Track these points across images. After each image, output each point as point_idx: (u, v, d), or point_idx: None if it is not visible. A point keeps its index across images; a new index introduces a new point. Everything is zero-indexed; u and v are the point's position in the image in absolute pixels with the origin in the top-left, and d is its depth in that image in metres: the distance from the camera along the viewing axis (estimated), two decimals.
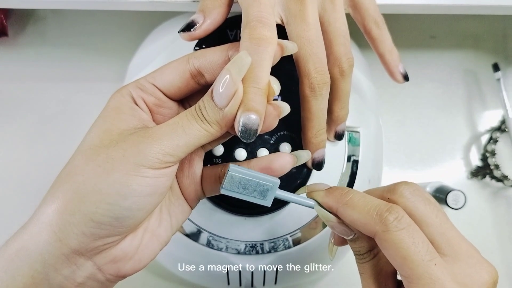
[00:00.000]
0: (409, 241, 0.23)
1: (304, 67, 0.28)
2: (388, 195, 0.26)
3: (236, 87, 0.23)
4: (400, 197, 0.25)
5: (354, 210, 0.25)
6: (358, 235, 0.26)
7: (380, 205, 0.24)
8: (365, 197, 0.25)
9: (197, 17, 0.28)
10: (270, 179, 0.26)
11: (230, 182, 0.25)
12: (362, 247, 0.26)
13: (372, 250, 0.26)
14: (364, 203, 0.25)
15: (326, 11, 0.30)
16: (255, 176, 0.26)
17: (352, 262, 0.28)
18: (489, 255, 0.47)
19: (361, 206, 0.25)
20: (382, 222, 0.23)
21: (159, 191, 0.23)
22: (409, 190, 0.26)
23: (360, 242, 0.26)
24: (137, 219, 0.23)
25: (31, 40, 0.49)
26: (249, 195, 0.26)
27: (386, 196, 0.26)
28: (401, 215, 0.24)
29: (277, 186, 0.26)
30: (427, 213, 0.25)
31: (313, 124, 0.30)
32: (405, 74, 0.34)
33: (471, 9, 0.38)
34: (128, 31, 0.48)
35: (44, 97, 0.47)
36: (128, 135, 0.23)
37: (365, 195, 0.26)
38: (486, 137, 0.49)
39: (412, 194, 0.25)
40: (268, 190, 0.26)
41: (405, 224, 0.23)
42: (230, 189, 0.25)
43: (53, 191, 0.23)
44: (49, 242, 0.22)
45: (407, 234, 0.23)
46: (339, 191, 0.26)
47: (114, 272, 0.24)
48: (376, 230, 0.24)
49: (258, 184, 0.26)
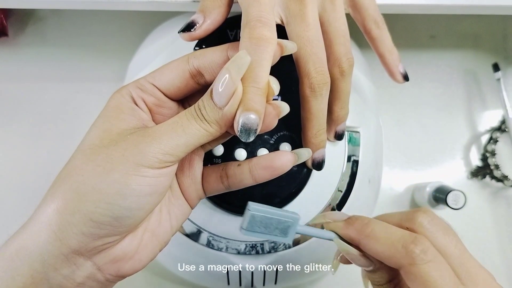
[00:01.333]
0: (437, 274, 0.23)
1: (304, 67, 0.28)
2: (406, 224, 0.26)
3: (236, 86, 0.23)
4: (419, 227, 0.25)
5: (378, 242, 0.25)
6: (378, 266, 0.26)
7: (404, 236, 0.24)
8: (387, 228, 0.25)
9: (197, 17, 0.28)
10: (291, 215, 0.25)
11: (251, 222, 0.24)
12: (382, 278, 0.26)
13: (392, 280, 0.26)
14: (387, 234, 0.25)
15: (326, 11, 0.30)
16: (276, 213, 0.25)
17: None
18: (489, 255, 0.47)
19: (384, 238, 0.24)
20: (409, 255, 0.23)
21: (159, 191, 0.23)
22: (427, 219, 0.25)
23: (381, 273, 0.26)
24: (137, 219, 0.23)
25: (31, 40, 0.49)
26: (271, 234, 0.25)
27: (405, 225, 0.26)
28: (427, 247, 0.23)
29: (297, 222, 0.26)
30: (447, 243, 0.25)
31: (313, 124, 0.30)
32: (405, 74, 0.34)
33: (471, 9, 0.38)
34: (128, 31, 0.48)
35: (44, 97, 0.47)
36: (128, 134, 0.23)
37: (387, 226, 0.25)
38: (486, 137, 0.49)
39: (431, 224, 0.25)
40: (289, 227, 0.25)
41: (432, 257, 0.23)
42: (252, 229, 0.25)
43: (53, 191, 0.23)
44: (48, 242, 0.22)
45: (434, 267, 0.23)
46: (360, 222, 0.26)
47: (114, 272, 0.24)
48: (402, 263, 0.23)
49: (279, 222, 0.25)
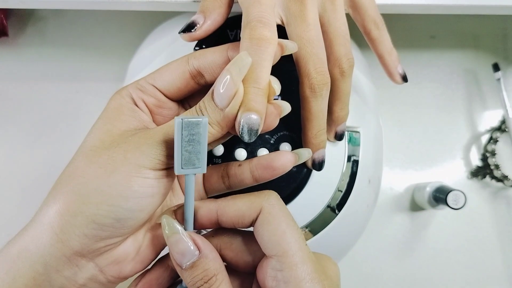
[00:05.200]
0: None
1: (304, 68, 0.28)
2: None
3: (237, 87, 0.23)
4: None
5: (235, 201, 0.24)
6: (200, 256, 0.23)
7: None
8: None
9: (198, 17, 0.28)
10: (205, 164, 0.23)
11: (193, 125, 0.22)
12: None
13: None
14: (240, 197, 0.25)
15: (326, 12, 0.30)
16: (206, 147, 0.22)
17: (351, 262, 0.28)
18: (489, 255, 0.47)
19: (240, 197, 0.25)
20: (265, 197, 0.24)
21: (161, 192, 0.24)
22: None
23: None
24: (139, 220, 0.23)
25: (31, 40, 0.48)
26: (182, 147, 0.22)
27: None
28: None
29: (199, 171, 0.23)
30: None
31: (313, 125, 0.30)
32: (404, 75, 0.34)
33: (471, 9, 0.38)
34: (128, 31, 0.48)
35: (44, 97, 0.47)
36: (129, 136, 0.23)
37: None
38: (486, 137, 0.49)
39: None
40: (193, 166, 0.22)
41: None
42: (184, 127, 0.22)
43: (55, 193, 0.23)
44: (50, 244, 0.22)
45: None
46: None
47: (116, 274, 0.24)
48: (263, 204, 0.24)
49: (198, 153, 0.22)
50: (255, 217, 0.24)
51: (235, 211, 0.24)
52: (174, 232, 0.22)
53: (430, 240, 0.47)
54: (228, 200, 0.25)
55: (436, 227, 0.48)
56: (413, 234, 0.47)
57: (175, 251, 0.22)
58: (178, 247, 0.22)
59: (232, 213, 0.24)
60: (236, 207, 0.24)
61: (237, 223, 0.24)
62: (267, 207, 0.23)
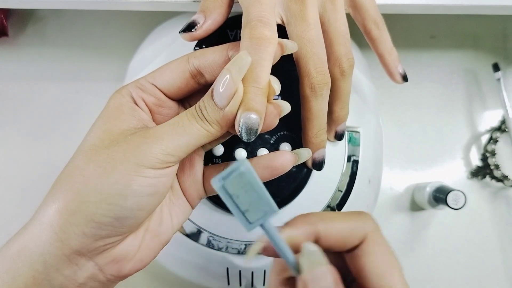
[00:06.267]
0: None
1: (304, 67, 0.28)
2: None
3: (236, 86, 0.23)
4: None
5: (338, 219, 0.23)
6: None
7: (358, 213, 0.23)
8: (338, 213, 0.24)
9: (198, 17, 0.28)
10: (273, 204, 0.20)
11: (234, 180, 0.19)
12: None
13: None
14: (343, 214, 0.23)
15: (327, 11, 0.30)
16: (264, 189, 0.20)
17: None
18: (489, 255, 0.47)
19: (343, 215, 0.23)
20: (373, 223, 0.23)
21: (160, 191, 0.24)
22: None
23: None
24: (138, 219, 0.23)
25: (31, 40, 0.48)
26: (238, 208, 0.20)
27: None
28: None
29: (271, 214, 0.20)
30: None
31: (313, 124, 0.30)
32: (404, 74, 0.34)
33: (471, 9, 0.38)
34: (128, 31, 0.48)
35: (45, 97, 0.47)
36: (129, 135, 0.23)
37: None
38: (486, 137, 0.49)
39: None
40: (261, 215, 0.20)
41: None
42: (227, 188, 0.19)
43: (54, 192, 0.23)
44: (50, 243, 0.22)
45: None
46: (303, 215, 0.23)
47: (115, 272, 0.24)
48: (367, 231, 0.22)
49: (258, 200, 0.20)
50: (357, 243, 0.22)
51: (336, 237, 0.22)
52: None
53: (430, 240, 0.47)
54: (327, 223, 0.22)
55: (436, 227, 0.48)
56: (413, 234, 0.47)
57: None
58: None
59: (333, 238, 0.22)
60: (336, 232, 0.22)
61: (335, 249, 0.23)
62: (372, 235, 0.22)
